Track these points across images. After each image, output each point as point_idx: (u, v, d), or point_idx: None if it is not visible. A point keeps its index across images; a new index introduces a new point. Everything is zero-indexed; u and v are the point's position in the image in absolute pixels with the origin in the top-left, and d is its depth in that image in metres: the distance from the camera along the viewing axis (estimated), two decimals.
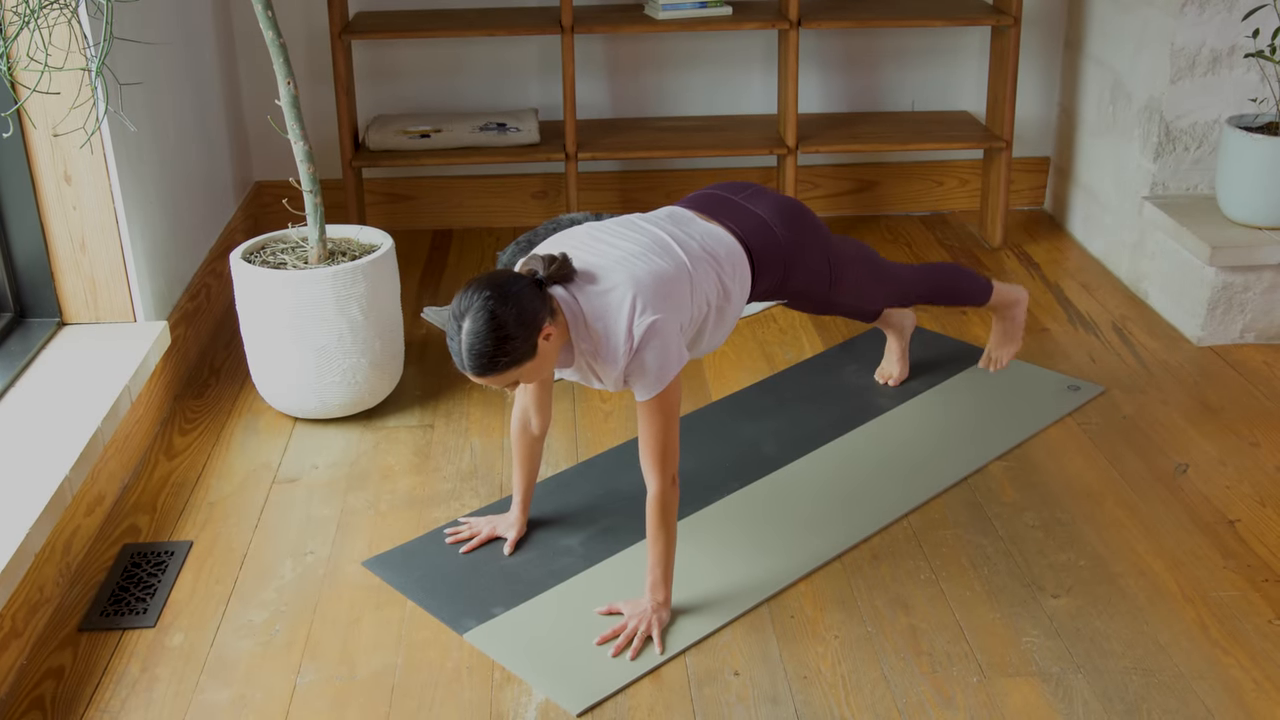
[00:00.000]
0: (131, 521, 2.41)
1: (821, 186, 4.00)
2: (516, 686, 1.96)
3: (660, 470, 2.00)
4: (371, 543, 2.34)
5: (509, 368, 1.86)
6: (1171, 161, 3.28)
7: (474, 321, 1.83)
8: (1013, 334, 2.76)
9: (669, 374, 1.96)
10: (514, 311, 1.83)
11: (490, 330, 1.82)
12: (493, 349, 1.83)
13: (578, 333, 1.95)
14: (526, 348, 1.85)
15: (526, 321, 1.84)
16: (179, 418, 2.80)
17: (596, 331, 1.94)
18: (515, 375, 1.88)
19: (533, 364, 1.88)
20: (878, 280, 2.47)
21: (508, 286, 1.85)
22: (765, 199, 2.28)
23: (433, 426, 2.76)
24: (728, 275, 2.14)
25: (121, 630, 2.10)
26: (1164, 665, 1.97)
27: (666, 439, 1.99)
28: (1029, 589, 2.17)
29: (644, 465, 2.01)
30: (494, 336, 1.82)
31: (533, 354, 1.87)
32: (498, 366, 1.85)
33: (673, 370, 1.96)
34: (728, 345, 3.13)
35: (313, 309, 2.60)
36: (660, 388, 1.96)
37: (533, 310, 1.86)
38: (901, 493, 2.45)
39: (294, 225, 2.83)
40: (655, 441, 1.99)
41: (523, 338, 1.84)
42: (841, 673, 1.98)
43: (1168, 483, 2.49)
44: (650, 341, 1.93)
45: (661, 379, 1.95)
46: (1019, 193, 4.02)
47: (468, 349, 1.84)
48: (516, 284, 1.87)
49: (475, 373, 1.86)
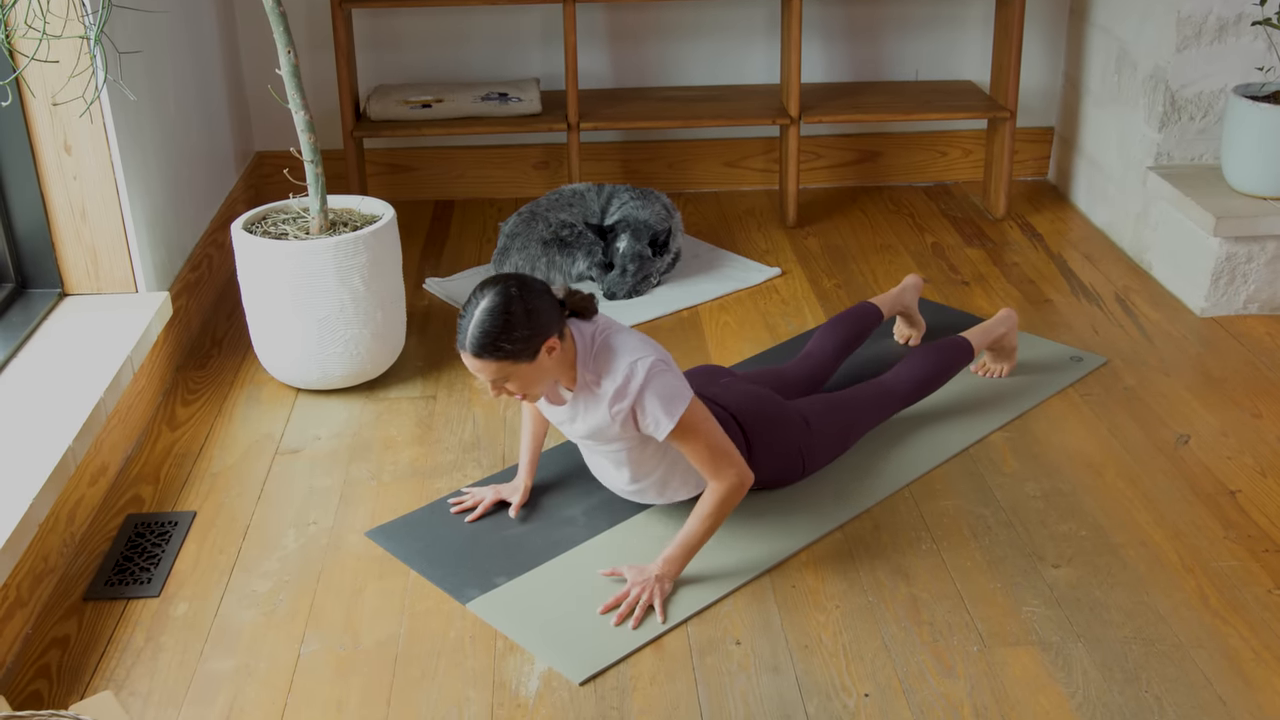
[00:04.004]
0: (135, 492, 2.42)
1: (824, 157, 3.98)
2: (519, 656, 1.97)
3: (718, 473, 2.05)
4: (374, 513, 2.34)
5: (506, 358, 1.89)
6: (1176, 131, 3.26)
7: (491, 300, 1.88)
8: (1008, 352, 2.75)
9: (679, 405, 1.99)
10: (530, 307, 1.89)
11: (503, 312, 1.87)
12: (498, 331, 1.87)
13: (584, 361, 2.00)
14: (529, 348, 1.90)
15: (538, 322, 1.89)
16: (181, 389, 2.80)
17: (601, 363, 2.00)
18: (508, 371, 1.92)
19: (528, 368, 1.92)
20: (857, 430, 2.44)
21: (534, 285, 1.92)
22: (735, 393, 2.29)
23: (435, 397, 2.76)
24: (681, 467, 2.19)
25: (126, 600, 2.11)
26: (1164, 635, 1.98)
27: (712, 446, 2.04)
28: (1029, 559, 2.17)
29: (705, 476, 2.07)
30: (504, 320, 1.87)
31: (532, 357, 1.91)
32: (498, 352, 1.88)
33: (681, 401, 2.00)
34: (729, 316, 3.13)
35: (314, 280, 2.59)
36: (674, 420, 2.00)
37: (548, 317, 1.91)
38: (903, 463, 2.45)
39: (295, 195, 2.82)
40: (701, 455, 2.04)
41: (529, 335, 1.89)
42: (843, 642, 1.98)
43: (1169, 453, 2.49)
44: (650, 382, 1.98)
45: (672, 411, 1.99)
46: (1023, 163, 4.01)
47: (476, 323, 1.87)
48: (543, 289, 1.93)
49: (474, 351, 1.89)
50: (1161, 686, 1.87)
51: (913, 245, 3.55)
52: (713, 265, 3.42)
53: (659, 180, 3.98)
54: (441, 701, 1.87)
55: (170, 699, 1.89)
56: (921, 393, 2.52)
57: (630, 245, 3.19)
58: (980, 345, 2.63)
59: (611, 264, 3.24)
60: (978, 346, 2.62)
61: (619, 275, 3.20)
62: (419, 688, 1.90)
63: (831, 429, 2.38)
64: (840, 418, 2.40)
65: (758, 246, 3.56)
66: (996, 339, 2.68)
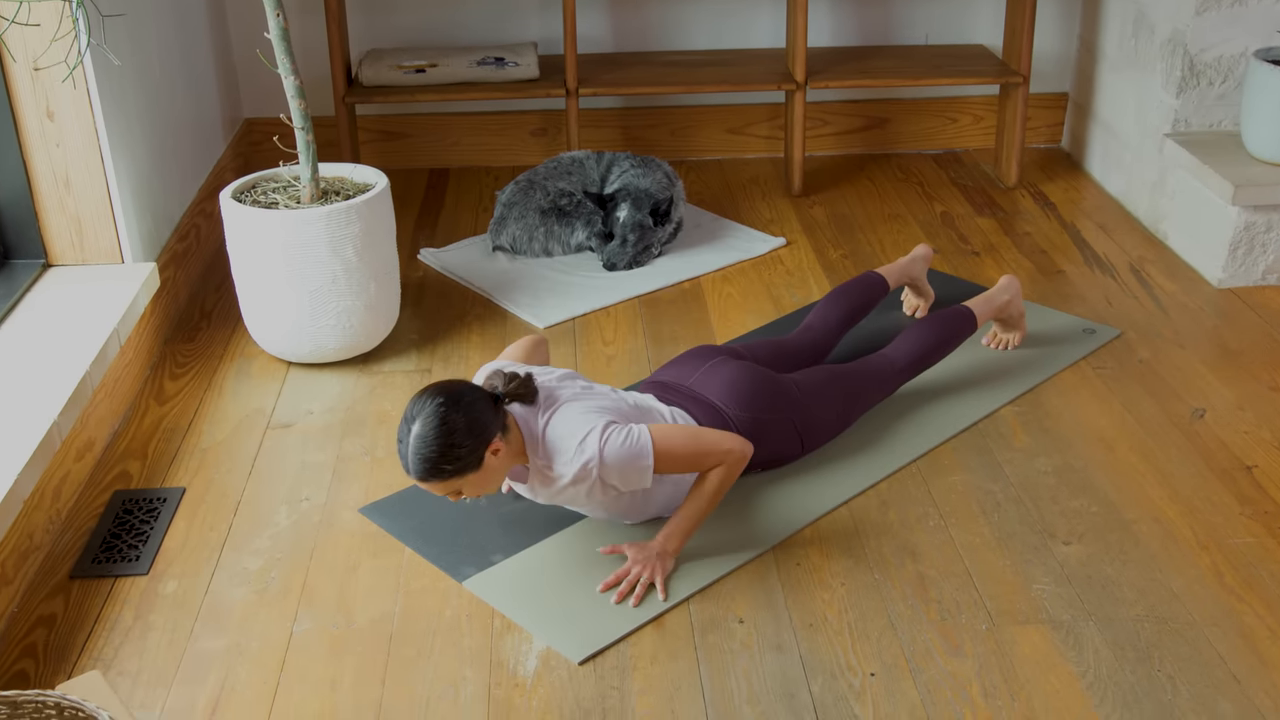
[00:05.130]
0: (122, 468, 2.42)
1: (831, 123, 3.96)
2: (517, 635, 1.97)
3: (707, 466, 2.07)
4: (368, 489, 2.34)
5: (453, 476, 1.92)
6: (1195, 97, 3.24)
7: (423, 426, 1.89)
8: (1016, 320, 2.73)
9: (643, 457, 2.00)
10: (464, 421, 1.89)
11: (438, 436, 1.88)
12: (438, 455, 1.89)
13: (532, 448, 2.01)
14: (473, 459, 1.91)
15: (476, 432, 1.90)
16: (169, 362, 2.80)
17: (550, 451, 2.00)
18: (459, 484, 1.94)
19: (477, 476, 1.94)
20: (859, 405, 2.44)
21: (462, 396, 1.91)
22: (720, 376, 2.29)
23: (430, 371, 2.76)
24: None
25: (114, 578, 2.11)
26: (1177, 613, 1.98)
27: (690, 454, 2.05)
28: (1040, 536, 2.17)
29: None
30: (441, 443, 1.88)
31: (478, 465, 1.92)
32: (442, 474, 1.91)
33: (643, 452, 2.00)
34: (733, 288, 3.12)
35: (306, 250, 2.58)
36: (647, 470, 2.02)
37: (484, 422, 1.91)
38: (910, 438, 2.45)
39: (285, 163, 2.81)
40: (684, 467, 2.06)
41: (470, 448, 1.90)
42: (848, 620, 1.99)
43: (1184, 428, 2.48)
44: (607, 454, 1.99)
45: (641, 466, 2.01)
46: (1035, 130, 3.98)
47: (414, 452, 1.89)
48: (472, 394, 1.92)
49: (418, 477, 1.92)
50: (1175, 665, 1.88)
51: (922, 214, 3.53)
52: (715, 235, 3.41)
53: (660, 148, 3.96)
54: (437, 681, 1.88)
55: (159, 678, 1.89)
56: (923, 364, 2.52)
57: (631, 214, 3.18)
58: (984, 314, 2.62)
59: (611, 234, 3.23)
60: (981, 316, 2.61)
61: (619, 245, 3.19)
62: (414, 667, 1.91)
63: (831, 403, 2.37)
64: (840, 391, 2.39)
65: (762, 216, 3.55)
66: (1001, 307, 2.67)
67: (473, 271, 3.21)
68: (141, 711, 1.83)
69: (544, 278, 3.17)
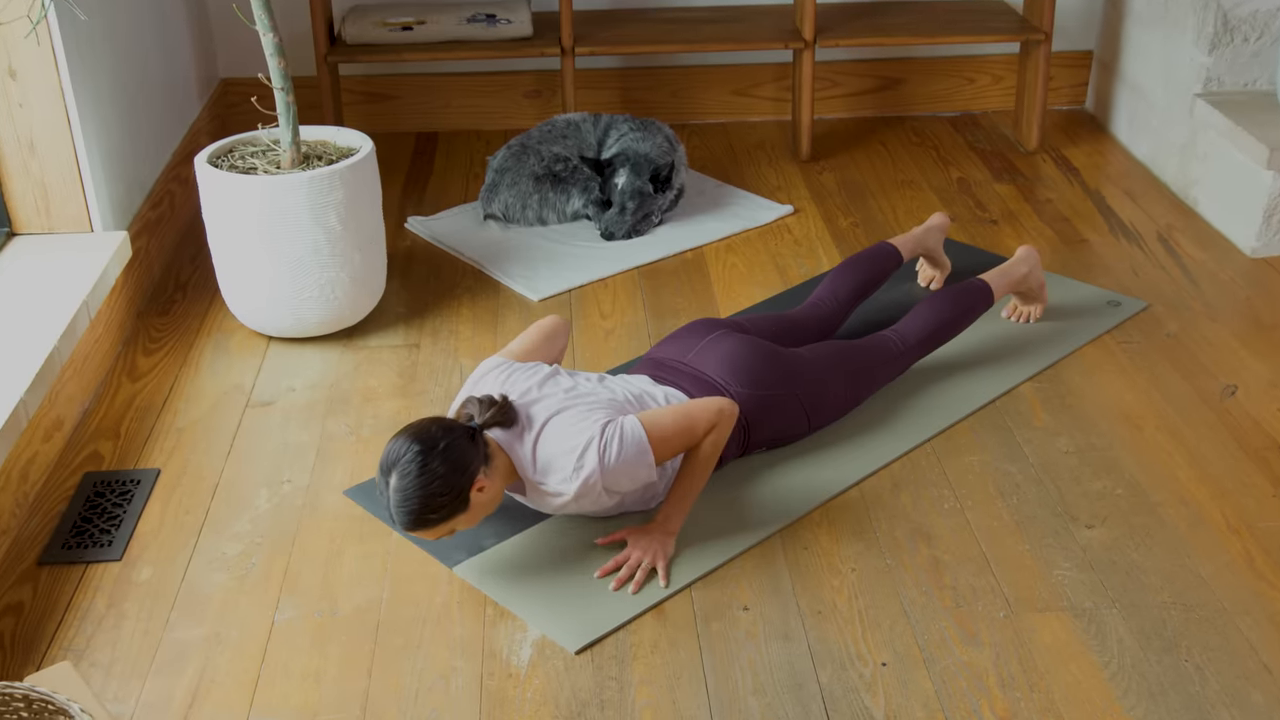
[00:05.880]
0: (93, 448, 2.42)
1: (841, 85, 3.95)
2: (510, 623, 1.98)
3: (700, 434, 2.09)
4: (353, 470, 2.35)
5: (439, 524, 1.94)
6: (1228, 54, 3.22)
7: (401, 479, 1.90)
8: (1035, 292, 2.73)
9: (644, 457, 2.02)
10: (443, 467, 1.90)
11: (419, 488, 1.89)
12: (420, 507, 1.90)
13: (525, 469, 2.03)
14: (457, 504, 1.93)
15: (457, 476, 1.91)
16: (143, 337, 2.80)
17: (545, 470, 2.02)
18: (450, 526, 1.96)
19: (466, 516, 1.96)
20: (868, 382, 2.44)
21: (437, 440, 1.91)
22: (721, 351, 2.29)
23: (418, 346, 2.75)
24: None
25: (85, 564, 2.11)
26: (1206, 600, 1.99)
27: (684, 431, 2.07)
28: (1061, 519, 2.18)
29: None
30: (421, 495, 1.89)
31: (464, 507, 1.94)
32: (427, 524, 1.93)
33: (643, 452, 2.02)
34: (737, 257, 3.12)
35: (286, 218, 2.58)
36: (651, 469, 2.04)
37: (464, 463, 1.92)
38: (924, 416, 2.45)
39: (264, 126, 2.80)
40: (682, 442, 2.08)
41: (453, 494, 1.92)
42: (858, 608, 1.99)
43: (1214, 405, 2.48)
44: (607, 464, 2.00)
45: (644, 462, 2.02)
46: (1058, 90, 3.97)
47: (395, 506, 1.91)
48: (446, 436, 1.93)
49: (404, 529, 1.94)
50: (1203, 655, 1.88)
51: (937, 181, 3.53)
52: (719, 202, 3.40)
53: (661, 110, 3.95)
54: (427, 672, 1.88)
55: (134, 669, 1.90)
56: (936, 341, 2.52)
57: (630, 181, 3.18)
58: (1000, 288, 2.61)
59: (609, 201, 3.22)
60: (997, 289, 2.61)
61: (617, 213, 3.19)
62: (402, 657, 1.91)
63: (840, 380, 2.37)
64: (850, 368, 2.39)
65: (768, 182, 3.54)
66: (1019, 280, 2.66)
67: (463, 241, 3.20)
68: (115, 704, 1.84)
69: (538, 247, 3.16)
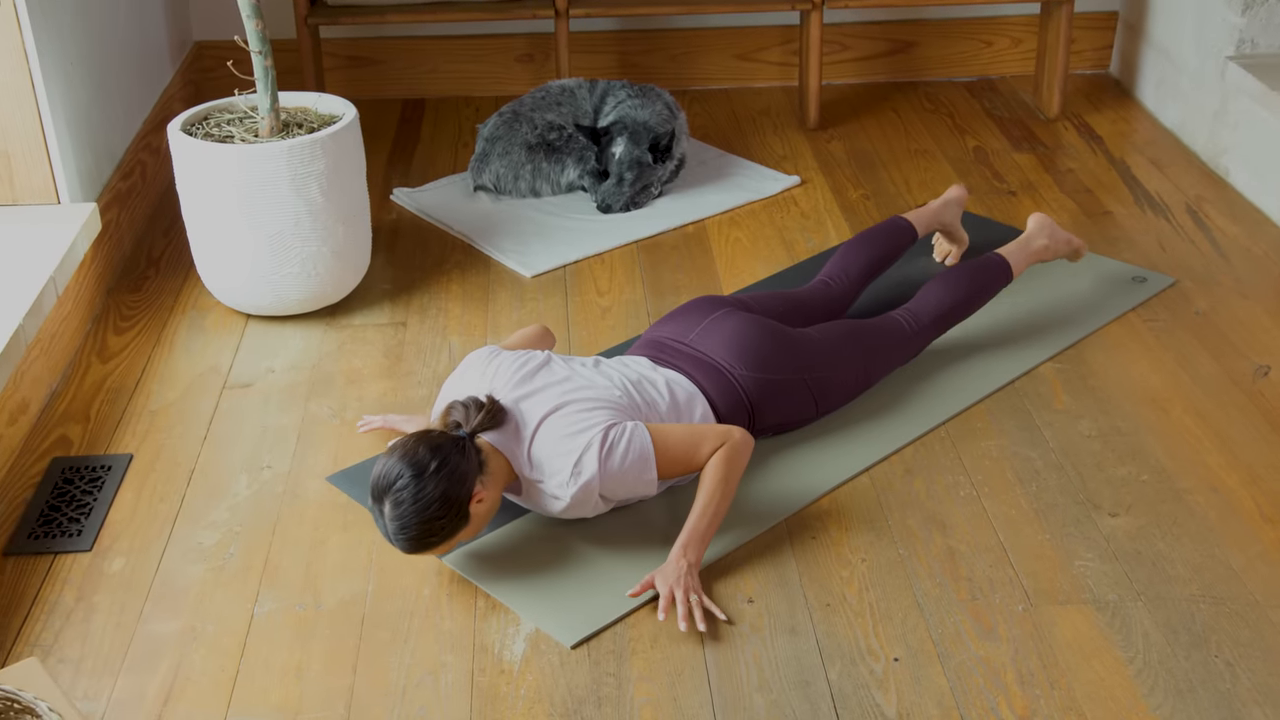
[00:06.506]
0: (62, 432, 2.41)
1: (851, 48, 3.93)
2: (502, 616, 1.97)
3: (707, 452, 2.06)
4: (336, 456, 2.34)
5: (441, 544, 1.95)
6: (1263, 14, 3.21)
7: (395, 507, 1.90)
8: (1063, 252, 2.71)
9: (647, 463, 2.02)
10: (437, 490, 1.90)
11: (415, 515, 1.90)
12: (420, 534, 1.91)
13: (521, 466, 2.02)
14: (457, 521, 1.93)
15: (453, 495, 1.91)
16: (113, 314, 2.78)
17: (543, 468, 2.01)
18: (453, 542, 1.97)
19: (468, 529, 1.97)
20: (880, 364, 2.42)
21: (428, 463, 1.90)
22: (725, 331, 2.27)
23: (405, 324, 2.74)
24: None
25: (53, 554, 2.11)
26: (1237, 593, 1.98)
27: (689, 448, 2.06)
28: (1083, 507, 2.17)
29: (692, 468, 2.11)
30: (419, 521, 1.90)
31: (465, 521, 1.95)
32: (430, 546, 1.95)
33: (646, 457, 2.02)
34: (741, 232, 3.10)
35: (265, 189, 2.56)
36: (651, 486, 2.04)
37: (459, 480, 1.92)
38: (939, 398, 2.44)
39: (241, 92, 2.79)
40: (685, 460, 2.06)
41: (451, 514, 1.92)
42: (869, 600, 1.98)
43: (1245, 387, 2.47)
44: (609, 467, 2.00)
45: (645, 472, 2.02)
46: (1081, 54, 3.96)
47: (394, 534, 1.92)
48: (436, 455, 1.91)
49: (410, 552, 1.96)
50: (1234, 651, 1.88)
51: (952, 150, 3.51)
52: (722, 173, 3.39)
53: (661, 75, 3.93)
54: (415, 667, 1.88)
55: (105, 666, 1.89)
56: (951, 320, 2.51)
57: (627, 150, 3.16)
58: (1019, 262, 2.60)
59: (606, 172, 3.21)
60: (1016, 264, 2.59)
61: (615, 185, 3.17)
62: (389, 652, 1.91)
63: (850, 362, 2.36)
64: (860, 348, 2.38)
65: (774, 152, 3.53)
66: (1037, 252, 2.64)
67: (452, 214, 3.19)
68: (85, 702, 1.83)
69: (531, 220, 3.15)
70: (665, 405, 2.15)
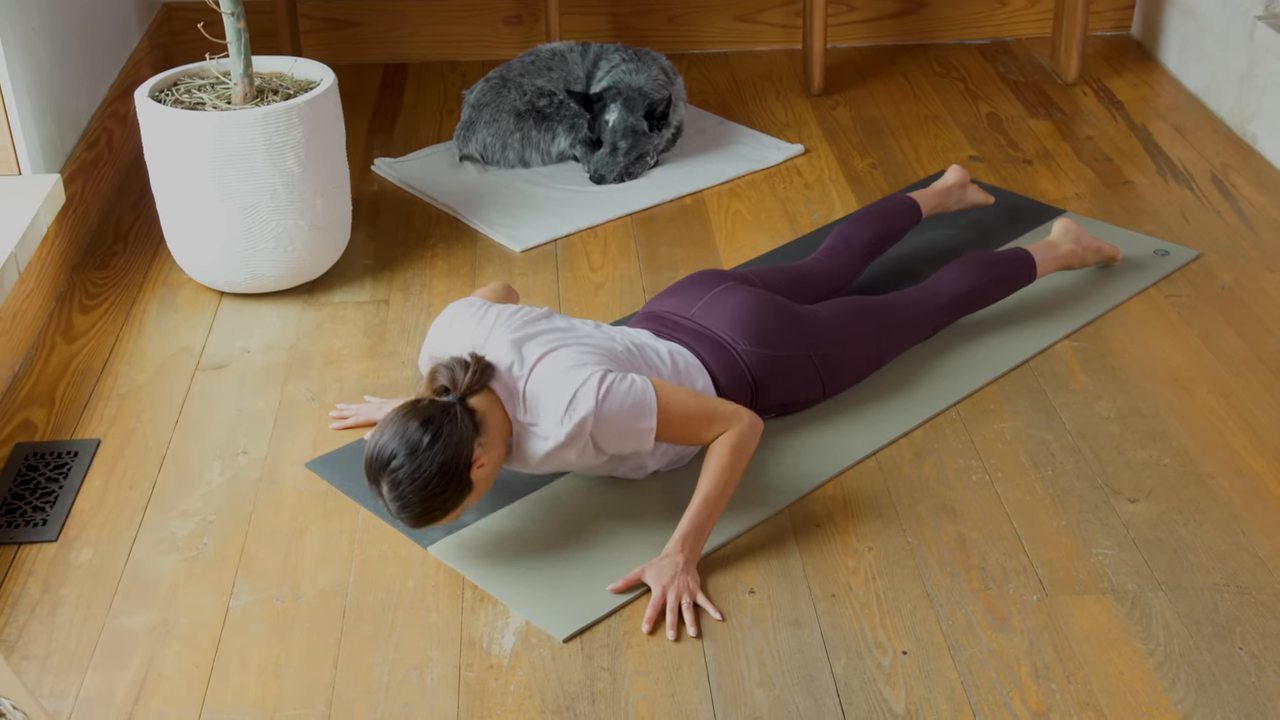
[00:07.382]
0: (25, 416, 2.41)
1: (859, 9, 3.93)
2: (491, 608, 1.98)
3: (714, 431, 2.06)
4: (315, 440, 2.34)
5: (445, 516, 1.96)
6: None
7: (393, 488, 1.91)
8: (1095, 259, 2.71)
9: (646, 418, 2.01)
10: (435, 463, 1.90)
11: (414, 492, 1.91)
12: (422, 510, 1.93)
13: (515, 408, 2.02)
14: (459, 491, 1.94)
15: (452, 467, 1.91)
16: (79, 292, 2.78)
17: (534, 408, 2.02)
18: (457, 514, 1.98)
19: (472, 496, 1.98)
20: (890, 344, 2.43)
21: (420, 441, 1.90)
22: (727, 306, 2.28)
23: (387, 302, 2.75)
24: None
25: (17, 545, 2.11)
26: (1262, 581, 1.99)
27: (695, 416, 2.05)
28: (1101, 492, 2.18)
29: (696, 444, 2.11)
30: (419, 497, 1.91)
31: (468, 489, 1.96)
32: (434, 520, 1.96)
33: (646, 409, 2.01)
34: (742, 204, 3.10)
35: (239, 160, 2.56)
36: (646, 437, 2.03)
37: (454, 450, 1.92)
38: (949, 378, 2.45)
39: (213, 56, 2.78)
40: (688, 429, 2.06)
41: (452, 485, 1.92)
42: (876, 590, 1.99)
43: (1272, 366, 2.48)
44: (607, 408, 1.99)
45: (641, 427, 2.01)
46: (1100, 14, 3.95)
47: (396, 513, 1.94)
48: (428, 429, 1.91)
49: (416, 529, 1.99)
50: (1259, 643, 1.88)
51: (964, 116, 3.51)
52: (721, 142, 3.38)
53: (656, 38, 3.93)
54: (399, 662, 1.88)
55: (73, 662, 1.90)
56: (969, 305, 2.52)
57: (622, 118, 3.16)
58: (1045, 264, 2.61)
59: (599, 140, 3.21)
60: (1042, 265, 2.61)
61: (608, 154, 3.17)
62: (372, 646, 1.91)
63: (860, 340, 2.36)
64: (870, 326, 2.39)
65: (776, 119, 3.53)
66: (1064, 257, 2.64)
67: (436, 185, 3.19)
68: (51, 700, 1.84)
69: (520, 192, 3.15)
70: (667, 371, 2.15)
